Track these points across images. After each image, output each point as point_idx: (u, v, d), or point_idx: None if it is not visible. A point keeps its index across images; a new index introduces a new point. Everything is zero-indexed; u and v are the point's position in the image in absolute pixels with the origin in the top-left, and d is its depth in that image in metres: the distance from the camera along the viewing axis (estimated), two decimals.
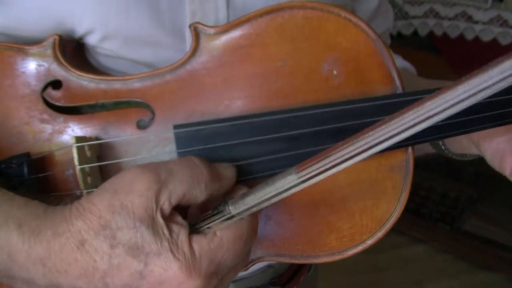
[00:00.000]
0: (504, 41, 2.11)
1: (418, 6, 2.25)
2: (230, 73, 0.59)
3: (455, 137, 0.66)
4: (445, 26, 2.22)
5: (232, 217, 0.51)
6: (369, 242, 0.61)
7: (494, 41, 2.13)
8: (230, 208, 0.51)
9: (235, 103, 0.59)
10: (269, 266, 0.82)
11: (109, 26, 0.62)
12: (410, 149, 0.60)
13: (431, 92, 0.55)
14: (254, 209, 0.51)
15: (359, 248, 0.61)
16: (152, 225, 0.48)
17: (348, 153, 0.46)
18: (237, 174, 0.56)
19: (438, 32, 2.24)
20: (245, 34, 0.58)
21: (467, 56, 2.24)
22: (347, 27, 0.58)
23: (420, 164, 0.64)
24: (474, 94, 0.41)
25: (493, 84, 0.40)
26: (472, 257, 2.57)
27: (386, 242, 2.74)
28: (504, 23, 2.11)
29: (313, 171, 0.47)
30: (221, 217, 0.51)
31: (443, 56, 2.35)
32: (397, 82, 0.59)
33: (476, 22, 2.15)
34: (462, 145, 0.67)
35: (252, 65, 0.58)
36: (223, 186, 0.54)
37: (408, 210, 2.72)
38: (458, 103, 0.41)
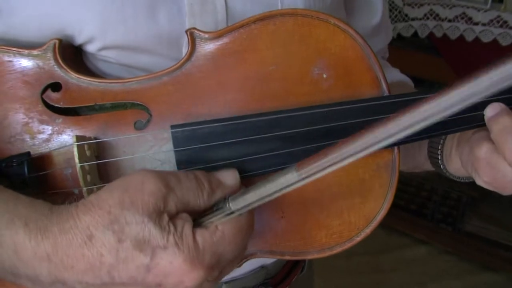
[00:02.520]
0: (504, 42, 2.12)
1: (418, 8, 2.26)
2: (224, 76, 0.61)
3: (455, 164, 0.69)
4: (445, 27, 2.22)
5: (232, 213, 0.54)
6: (357, 238, 0.64)
7: (494, 42, 2.14)
8: (230, 204, 0.54)
9: (229, 104, 0.61)
10: (262, 267, 0.83)
11: (108, 37, 0.64)
12: (396, 149, 0.63)
13: (416, 95, 0.57)
14: (254, 205, 0.54)
15: (348, 245, 0.63)
16: (159, 221, 0.51)
17: (345, 152, 0.48)
18: (239, 180, 0.58)
19: (438, 34, 2.25)
20: (239, 39, 0.61)
21: (467, 57, 2.25)
22: (336, 33, 0.61)
23: None
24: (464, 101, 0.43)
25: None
26: (475, 258, 2.57)
27: (388, 243, 2.72)
28: (504, 24, 2.11)
29: (313, 168, 0.49)
30: (221, 213, 0.54)
31: (443, 57, 2.35)
32: (384, 85, 0.62)
33: (476, 24, 2.16)
34: (460, 172, 0.71)
35: (245, 69, 0.61)
36: (226, 193, 0.57)
37: (410, 211, 2.73)
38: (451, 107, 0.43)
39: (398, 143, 0.61)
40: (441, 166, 0.72)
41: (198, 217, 0.55)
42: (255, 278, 0.82)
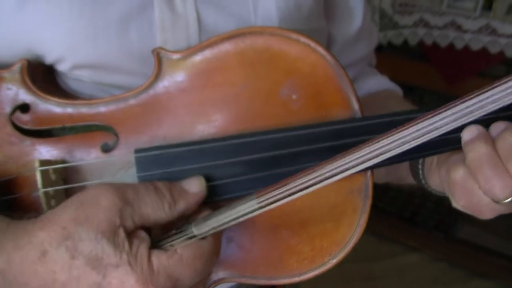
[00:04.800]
0: (493, 50, 2.12)
1: (408, 16, 2.26)
2: (191, 98, 0.60)
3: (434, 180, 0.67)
4: (435, 35, 2.22)
5: (194, 236, 0.53)
6: (330, 264, 0.62)
7: (484, 50, 2.14)
8: (193, 228, 0.53)
9: (196, 127, 0.60)
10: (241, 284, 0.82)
11: (78, 56, 0.63)
12: (369, 172, 0.61)
13: (389, 117, 0.56)
14: (215, 231, 0.53)
15: (320, 270, 0.62)
16: (113, 238, 0.50)
17: (305, 182, 0.49)
18: (205, 187, 0.57)
19: (428, 41, 2.25)
20: (206, 58, 0.59)
21: (457, 65, 2.25)
22: (306, 52, 0.59)
23: None
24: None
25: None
26: (467, 265, 2.56)
27: (380, 250, 2.71)
28: (493, 32, 2.11)
29: (272, 197, 0.50)
30: (183, 236, 0.53)
31: (433, 64, 2.35)
32: (356, 106, 0.60)
33: (466, 31, 2.16)
34: (438, 181, 0.68)
35: (212, 90, 0.59)
36: (190, 202, 0.56)
37: (403, 218, 2.73)
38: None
39: (369, 168, 0.59)
40: (422, 181, 0.71)
41: (159, 239, 0.54)
42: None
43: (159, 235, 0.55)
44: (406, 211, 2.76)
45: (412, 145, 0.48)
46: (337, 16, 0.84)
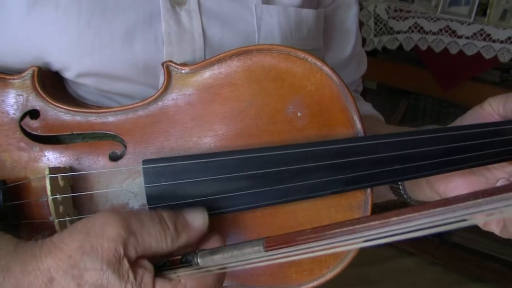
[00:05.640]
0: (487, 55, 2.14)
1: (402, 21, 2.28)
2: (199, 112, 0.61)
3: (419, 188, 0.68)
4: (430, 40, 2.24)
5: (199, 268, 0.54)
6: (327, 276, 0.63)
7: (478, 55, 2.16)
8: (198, 260, 0.54)
9: (202, 140, 0.61)
10: None
11: (83, 65, 0.64)
12: (369, 190, 0.63)
13: (389, 138, 0.58)
14: (219, 267, 0.54)
15: (318, 282, 0.63)
16: (118, 269, 0.51)
17: (315, 246, 0.49)
18: (207, 222, 0.58)
19: (423, 47, 2.27)
20: (214, 74, 0.61)
21: (451, 70, 2.27)
22: (312, 71, 0.61)
23: None
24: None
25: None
26: (462, 269, 2.57)
27: (376, 255, 2.71)
28: (487, 37, 2.13)
29: (279, 253, 0.51)
30: (188, 267, 0.55)
31: (428, 69, 2.37)
32: (359, 125, 0.62)
33: (460, 37, 2.18)
34: (425, 194, 0.69)
35: (220, 105, 0.61)
36: (191, 237, 0.56)
37: None
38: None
39: (372, 185, 0.61)
40: (404, 196, 0.73)
41: (164, 265, 0.55)
42: None
43: (157, 262, 0.56)
44: None
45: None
46: (333, 38, 0.86)
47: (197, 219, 0.57)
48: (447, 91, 2.32)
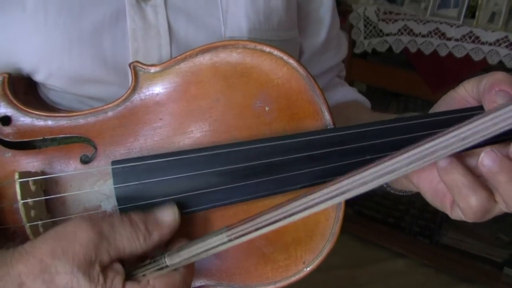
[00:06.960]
0: (476, 57, 2.15)
1: (392, 24, 2.29)
2: (166, 111, 0.61)
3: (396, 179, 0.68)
4: (419, 43, 2.25)
5: (167, 267, 0.55)
6: (304, 272, 0.63)
7: (467, 57, 2.16)
8: (166, 259, 0.55)
9: (172, 139, 0.61)
10: None
11: (52, 66, 0.64)
12: None
13: (363, 127, 0.58)
14: (187, 262, 0.55)
15: (295, 278, 0.63)
16: (88, 272, 0.51)
17: (273, 217, 0.52)
18: (178, 217, 0.58)
19: (412, 49, 2.27)
20: (181, 72, 0.61)
21: (440, 72, 2.27)
22: (278, 65, 0.60)
23: None
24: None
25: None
26: (452, 270, 2.57)
27: (366, 256, 2.70)
28: (476, 40, 2.14)
29: (240, 230, 0.53)
30: (156, 267, 0.55)
31: (417, 71, 2.37)
32: (327, 117, 0.61)
33: (449, 39, 2.18)
34: (402, 184, 0.68)
35: (187, 103, 0.61)
36: (164, 233, 0.57)
37: (388, 224, 2.74)
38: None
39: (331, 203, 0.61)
40: (384, 185, 0.71)
41: (133, 268, 0.55)
42: None
43: (134, 264, 0.56)
44: (391, 217, 2.77)
45: (372, 186, 0.51)
46: (307, 26, 0.85)
47: (168, 215, 0.57)
48: (436, 93, 2.32)
